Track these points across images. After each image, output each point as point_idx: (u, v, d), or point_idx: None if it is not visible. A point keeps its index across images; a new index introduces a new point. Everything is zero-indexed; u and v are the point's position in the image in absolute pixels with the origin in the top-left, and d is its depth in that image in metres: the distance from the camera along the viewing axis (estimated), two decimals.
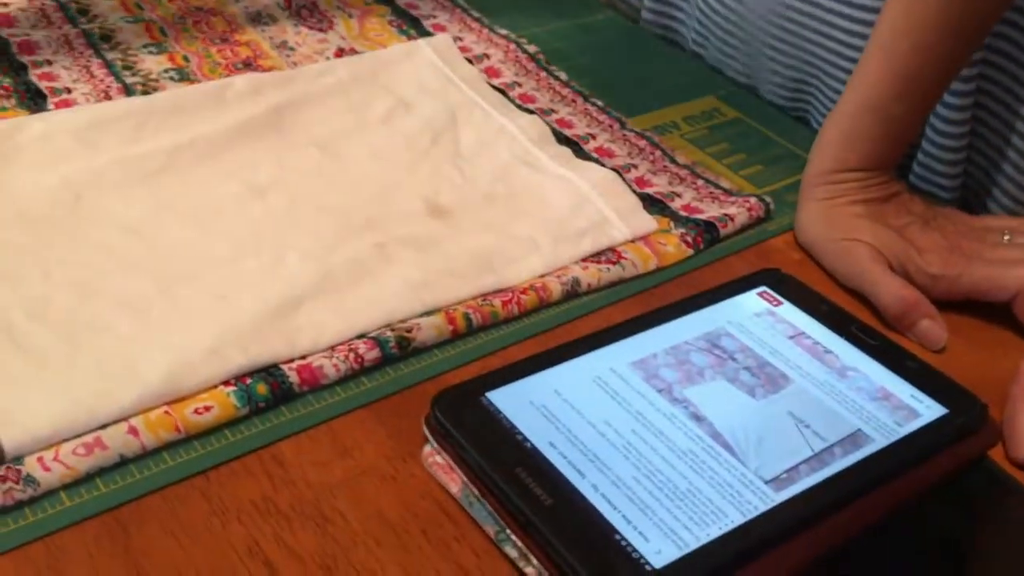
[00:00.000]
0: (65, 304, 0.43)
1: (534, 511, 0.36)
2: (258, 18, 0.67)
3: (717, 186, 0.57)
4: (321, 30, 0.67)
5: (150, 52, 0.62)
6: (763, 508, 0.37)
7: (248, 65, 0.62)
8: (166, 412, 0.39)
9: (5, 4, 0.63)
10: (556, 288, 0.48)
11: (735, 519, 0.36)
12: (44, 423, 0.37)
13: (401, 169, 0.55)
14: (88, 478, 0.37)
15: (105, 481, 0.37)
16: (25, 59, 0.59)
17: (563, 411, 0.40)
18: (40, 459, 0.37)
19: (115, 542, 0.35)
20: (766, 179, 0.60)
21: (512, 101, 0.62)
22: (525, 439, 0.39)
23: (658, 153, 0.60)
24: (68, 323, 0.42)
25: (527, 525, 0.36)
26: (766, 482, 0.38)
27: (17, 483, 0.36)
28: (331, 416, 0.42)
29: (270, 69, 0.62)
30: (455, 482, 0.39)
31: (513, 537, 0.36)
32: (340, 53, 0.65)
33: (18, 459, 0.36)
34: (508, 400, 0.40)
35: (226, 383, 0.41)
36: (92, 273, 0.45)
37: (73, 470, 0.37)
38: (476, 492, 0.38)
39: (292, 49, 0.65)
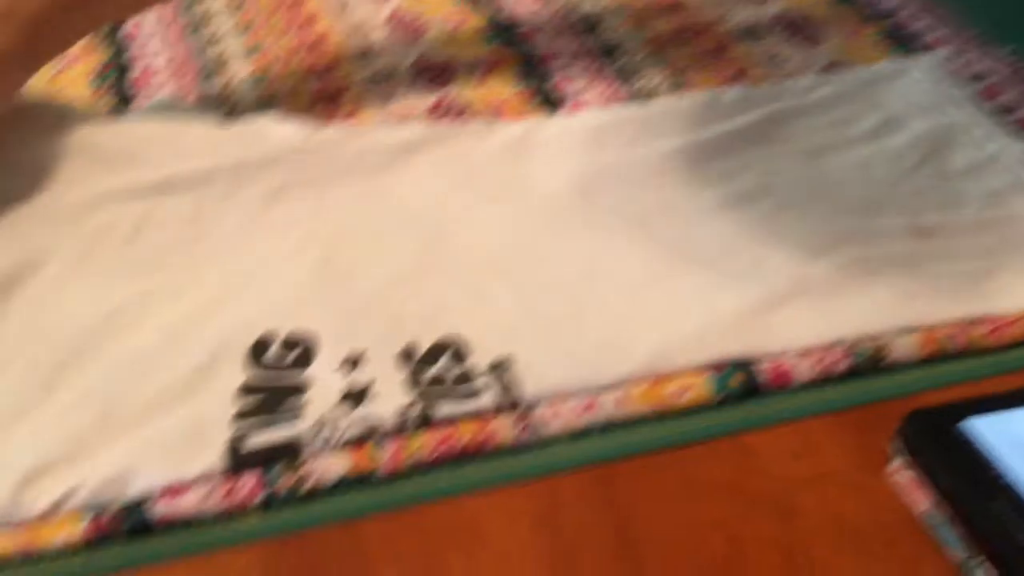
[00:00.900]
0: (572, 280, 0.49)
1: (1009, 547, 0.35)
2: (750, 33, 0.70)
3: None
4: (811, 44, 0.68)
5: (650, 64, 0.67)
6: None
7: (739, 78, 0.66)
8: (650, 387, 0.44)
9: (532, 17, 0.72)
10: None
11: None
12: (553, 379, 0.43)
13: (885, 185, 0.55)
14: (583, 434, 0.43)
15: (596, 439, 0.42)
16: (545, 67, 0.67)
17: None
18: (547, 411, 0.43)
19: (602, 494, 0.40)
20: None
21: (1012, 124, 0.59)
22: (1004, 473, 0.38)
23: None
24: (574, 296, 0.48)
25: (1002, 559, 0.35)
26: None
27: (528, 427, 0.42)
28: (797, 417, 0.44)
29: (760, 82, 0.65)
30: (923, 502, 0.39)
31: (984, 567, 0.36)
32: (829, 67, 0.65)
33: (531, 407, 0.43)
34: (988, 431, 0.39)
35: (704, 370, 0.45)
36: (594, 257, 0.51)
37: (571, 425, 0.42)
38: (946, 516, 0.37)
39: (781, 64, 0.67)
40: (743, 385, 0.44)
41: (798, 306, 0.47)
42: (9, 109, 0.53)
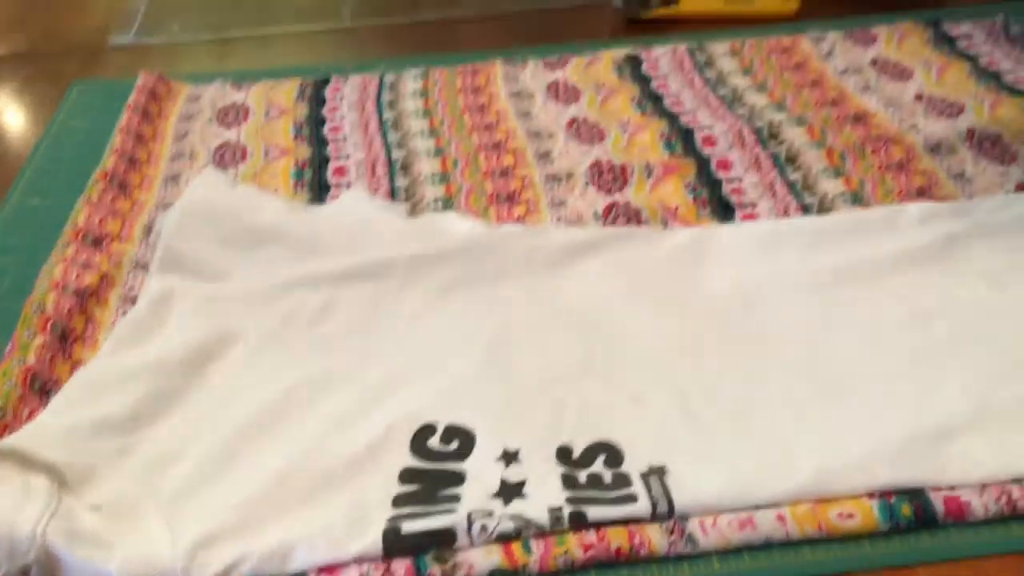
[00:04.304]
0: (733, 391, 0.49)
1: None
2: (937, 148, 0.68)
3: None
4: (1003, 163, 0.66)
5: (828, 176, 0.67)
6: None
7: (922, 194, 0.64)
8: (812, 509, 0.42)
9: (710, 127, 0.73)
10: None
11: None
12: (708, 492, 0.43)
13: None
14: (737, 551, 0.42)
15: (752, 556, 0.41)
16: (721, 175, 0.68)
17: None
18: (701, 522, 0.42)
19: None
20: None
21: None
22: None
23: None
24: (734, 407, 0.48)
25: None
26: None
27: (680, 538, 0.41)
28: (975, 555, 0.41)
29: (944, 199, 0.63)
30: None
31: None
32: (1021, 188, 0.63)
33: (684, 518, 0.42)
34: None
35: (871, 495, 0.43)
36: (754, 368, 0.50)
37: (726, 540, 0.41)
38: None
39: (969, 181, 0.65)
40: (915, 516, 0.42)
41: (977, 437, 0.44)
42: (219, 192, 0.57)
